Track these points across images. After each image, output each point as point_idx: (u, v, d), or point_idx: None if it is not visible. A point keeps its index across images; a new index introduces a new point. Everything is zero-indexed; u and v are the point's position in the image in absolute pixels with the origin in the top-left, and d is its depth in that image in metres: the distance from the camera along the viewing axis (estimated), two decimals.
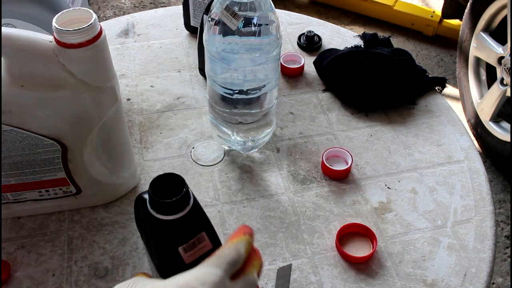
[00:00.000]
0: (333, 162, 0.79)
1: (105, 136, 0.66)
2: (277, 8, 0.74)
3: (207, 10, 0.85)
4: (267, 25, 0.67)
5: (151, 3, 2.54)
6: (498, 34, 1.71)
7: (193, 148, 0.82)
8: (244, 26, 0.65)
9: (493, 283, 1.52)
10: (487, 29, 1.73)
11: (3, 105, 0.57)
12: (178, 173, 0.48)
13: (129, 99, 0.90)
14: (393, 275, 0.66)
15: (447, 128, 0.87)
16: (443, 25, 2.29)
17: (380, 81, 0.89)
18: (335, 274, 0.66)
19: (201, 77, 0.95)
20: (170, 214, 0.45)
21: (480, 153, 1.30)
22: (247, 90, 0.71)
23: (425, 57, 2.27)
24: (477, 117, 1.77)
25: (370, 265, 0.67)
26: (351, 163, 0.78)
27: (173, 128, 0.85)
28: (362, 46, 1.01)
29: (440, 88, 0.94)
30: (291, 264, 0.67)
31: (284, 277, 0.65)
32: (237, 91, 0.71)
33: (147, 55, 1.00)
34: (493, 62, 1.68)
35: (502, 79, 1.64)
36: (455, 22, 2.27)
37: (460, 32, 1.88)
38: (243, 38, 0.66)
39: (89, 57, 0.58)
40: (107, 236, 0.70)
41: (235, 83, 0.70)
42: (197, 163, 0.80)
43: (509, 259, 1.57)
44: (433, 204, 0.75)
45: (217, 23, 0.66)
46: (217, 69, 0.70)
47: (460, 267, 0.67)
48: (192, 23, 1.03)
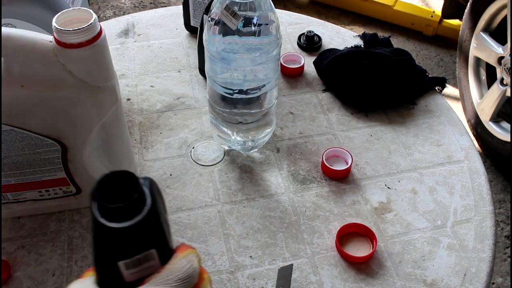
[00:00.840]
0: (333, 162, 0.79)
1: (105, 136, 0.66)
2: (277, 8, 0.74)
3: (207, 10, 0.85)
4: (267, 25, 0.67)
5: (151, 3, 2.54)
6: (498, 34, 1.71)
7: (193, 148, 0.82)
8: (244, 26, 0.65)
9: (493, 283, 1.52)
10: (487, 29, 1.73)
11: (3, 105, 0.57)
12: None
13: (129, 99, 0.90)
14: (393, 275, 0.66)
15: (447, 128, 0.87)
16: (443, 25, 2.29)
17: (380, 81, 0.89)
18: (335, 274, 0.66)
19: (201, 77, 0.95)
20: (114, 220, 0.36)
21: (480, 153, 1.30)
22: (247, 90, 0.71)
23: (425, 57, 2.27)
24: (477, 117, 1.77)
25: (370, 265, 0.67)
26: (351, 163, 0.78)
27: (173, 128, 0.85)
28: (362, 46, 1.01)
29: (440, 88, 0.94)
30: (292, 264, 0.67)
31: (285, 277, 0.65)
32: (237, 91, 0.71)
33: (147, 55, 1.00)
34: (493, 62, 1.68)
35: (502, 79, 1.64)
36: (455, 22, 2.26)
37: (460, 32, 1.88)
38: (243, 38, 0.66)
39: (89, 57, 0.57)
40: None
41: (235, 83, 0.70)
42: (197, 163, 0.80)
43: (509, 259, 1.57)
44: (433, 204, 0.75)
45: (217, 23, 0.66)
46: (217, 69, 0.70)
47: (460, 267, 0.67)
48: (192, 23, 1.03)
